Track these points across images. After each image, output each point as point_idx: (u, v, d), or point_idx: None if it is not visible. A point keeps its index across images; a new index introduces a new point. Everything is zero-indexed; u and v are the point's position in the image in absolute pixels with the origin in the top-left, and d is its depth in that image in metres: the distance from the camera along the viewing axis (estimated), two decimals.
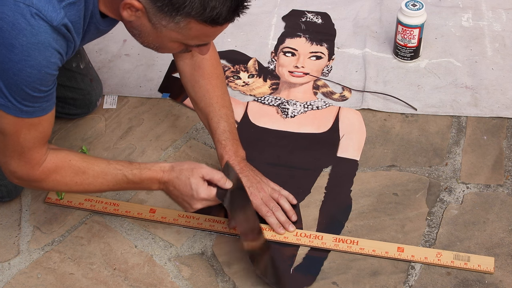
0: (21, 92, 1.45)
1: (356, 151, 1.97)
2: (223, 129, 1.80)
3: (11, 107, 1.47)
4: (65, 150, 1.65)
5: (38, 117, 1.52)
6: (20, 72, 1.43)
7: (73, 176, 1.62)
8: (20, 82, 1.43)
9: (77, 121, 2.08)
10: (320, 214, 1.82)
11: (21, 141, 1.53)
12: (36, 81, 1.45)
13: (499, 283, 1.67)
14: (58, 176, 1.61)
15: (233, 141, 1.80)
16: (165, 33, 1.48)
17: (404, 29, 2.15)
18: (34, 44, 1.41)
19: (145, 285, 1.70)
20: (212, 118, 1.81)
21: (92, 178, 1.64)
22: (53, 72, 1.47)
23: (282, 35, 2.34)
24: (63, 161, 1.61)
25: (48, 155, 1.59)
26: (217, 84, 1.84)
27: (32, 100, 1.48)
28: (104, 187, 1.66)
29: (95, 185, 1.65)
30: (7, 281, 1.72)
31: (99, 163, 1.65)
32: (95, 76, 2.08)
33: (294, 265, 1.72)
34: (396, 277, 1.69)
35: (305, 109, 2.09)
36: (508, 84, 2.13)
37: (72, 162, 1.62)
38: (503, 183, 1.88)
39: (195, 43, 1.53)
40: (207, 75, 1.84)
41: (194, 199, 1.64)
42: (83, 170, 1.63)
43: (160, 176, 1.66)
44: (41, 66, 1.44)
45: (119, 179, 1.65)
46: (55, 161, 1.60)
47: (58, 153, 1.62)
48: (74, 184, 1.64)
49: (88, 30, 1.56)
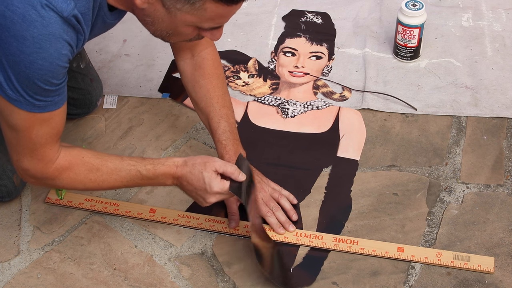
0: (33, 86, 1.44)
1: (356, 151, 1.97)
2: (223, 129, 1.80)
3: (23, 102, 1.46)
4: (78, 147, 1.65)
5: (50, 112, 1.51)
6: (31, 64, 1.42)
7: (87, 173, 1.62)
8: (32, 75, 1.43)
9: (77, 121, 2.08)
10: (320, 214, 1.82)
11: (33, 137, 1.52)
12: (48, 74, 1.44)
13: (499, 283, 1.67)
14: (72, 173, 1.61)
15: (233, 141, 1.79)
16: (179, 17, 1.46)
17: (404, 29, 2.15)
18: (45, 35, 1.40)
19: (145, 285, 1.70)
20: (213, 118, 1.81)
21: (106, 174, 1.63)
22: (64, 64, 1.46)
23: (282, 35, 2.34)
24: (76, 158, 1.61)
25: (60, 152, 1.59)
26: (218, 84, 1.84)
27: (44, 94, 1.47)
28: (118, 183, 1.65)
29: (109, 182, 1.64)
30: (7, 281, 1.72)
31: (112, 160, 1.64)
32: (95, 76, 2.08)
33: (294, 265, 1.72)
34: (396, 277, 1.69)
35: (305, 109, 2.09)
36: (508, 84, 2.13)
37: (85, 159, 1.62)
38: (503, 183, 1.88)
39: (209, 26, 1.51)
40: (208, 75, 1.84)
41: (207, 193, 1.63)
42: (96, 167, 1.62)
43: (173, 171, 1.65)
44: (52, 58, 1.43)
45: (133, 175, 1.65)
46: (68, 158, 1.60)
47: (70, 150, 1.61)
48: (88, 181, 1.63)
49: (96, 23, 1.55)
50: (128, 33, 2.36)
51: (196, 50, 1.85)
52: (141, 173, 1.65)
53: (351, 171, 1.93)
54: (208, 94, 1.83)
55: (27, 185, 1.91)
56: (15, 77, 1.43)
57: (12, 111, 1.48)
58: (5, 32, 1.40)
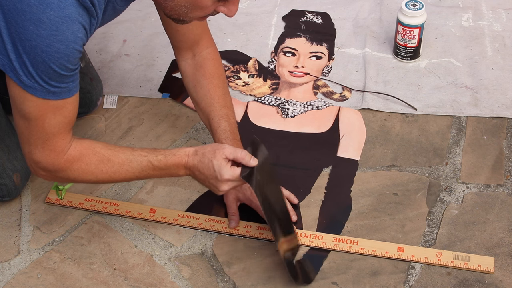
0: (48, 71, 1.44)
1: (356, 151, 1.97)
2: (223, 128, 1.80)
3: (38, 89, 1.46)
4: (88, 139, 1.65)
5: (63, 100, 1.51)
6: (48, 48, 1.41)
7: (98, 163, 1.61)
8: (48, 59, 1.42)
9: (77, 121, 2.07)
10: (320, 214, 1.82)
11: (45, 126, 1.52)
12: (64, 58, 1.44)
13: (499, 283, 1.67)
14: (83, 164, 1.60)
15: (233, 141, 1.79)
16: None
17: (404, 29, 2.15)
18: (62, 18, 1.40)
19: (145, 285, 1.70)
20: (213, 118, 1.81)
21: (118, 165, 1.63)
22: (80, 48, 1.46)
23: (282, 35, 2.34)
24: (87, 149, 1.61)
25: (72, 143, 1.59)
26: (218, 84, 1.84)
27: (59, 80, 1.47)
28: (129, 174, 1.65)
29: (120, 173, 1.64)
30: (7, 281, 1.72)
31: (123, 151, 1.64)
32: (95, 75, 2.08)
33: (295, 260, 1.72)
34: (396, 277, 1.69)
35: (305, 109, 2.09)
36: (508, 84, 2.13)
37: (96, 149, 1.61)
38: (503, 183, 1.88)
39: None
40: (209, 75, 1.84)
41: (218, 181, 1.61)
42: (108, 158, 1.62)
43: (185, 161, 1.64)
44: (69, 41, 1.42)
45: (144, 165, 1.64)
46: (79, 149, 1.59)
47: (82, 141, 1.61)
48: (99, 172, 1.62)
49: (106, 9, 1.55)
50: (128, 33, 2.36)
51: (197, 50, 1.85)
52: (153, 164, 1.64)
53: (351, 171, 1.93)
54: (209, 94, 1.82)
55: (27, 185, 1.91)
56: (30, 63, 1.43)
57: (25, 98, 1.48)
58: (21, 16, 1.39)
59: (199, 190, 1.89)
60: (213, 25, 2.35)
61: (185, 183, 1.91)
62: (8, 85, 1.49)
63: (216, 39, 2.30)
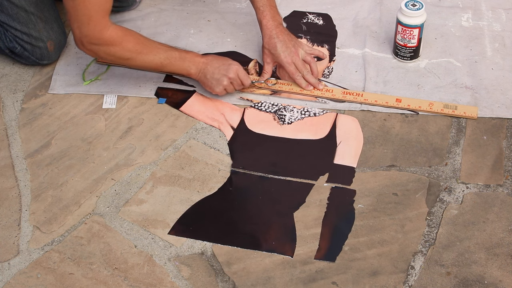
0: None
1: (353, 158, 1.96)
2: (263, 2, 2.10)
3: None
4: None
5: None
6: None
7: (135, 44, 1.94)
8: None
9: (77, 120, 2.09)
10: (323, 226, 1.82)
11: (87, 4, 1.85)
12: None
13: (499, 283, 1.67)
14: (124, 41, 1.92)
15: (270, 7, 2.10)
16: None
17: (404, 29, 2.15)
18: None
19: (145, 285, 1.70)
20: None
21: (149, 48, 1.96)
22: None
23: None
24: (126, 30, 1.94)
25: (111, 26, 1.90)
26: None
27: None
28: (156, 59, 1.97)
29: (154, 55, 1.96)
30: (7, 281, 1.72)
31: (151, 39, 2.00)
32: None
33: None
34: (396, 277, 1.69)
35: (302, 116, 2.08)
36: (508, 84, 2.13)
37: (133, 32, 1.96)
38: (503, 183, 1.88)
39: None
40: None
41: (230, 64, 2.01)
42: (142, 41, 1.96)
43: (200, 56, 2.02)
44: None
45: (169, 54, 1.98)
46: (120, 29, 1.93)
47: (118, 26, 1.94)
48: (135, 52, 1.94)
49: None
50: None
51: None
52: (175, 53, 1.99)
53: (347, 178, 1.91)
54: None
55: (27, 185, 1.91)
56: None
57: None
58: None
59: (199, 190, 1.89)
60: (213, 25, 2.35)
61: (185, 183, 1.91)
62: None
63: (216, 39, 2.30)
